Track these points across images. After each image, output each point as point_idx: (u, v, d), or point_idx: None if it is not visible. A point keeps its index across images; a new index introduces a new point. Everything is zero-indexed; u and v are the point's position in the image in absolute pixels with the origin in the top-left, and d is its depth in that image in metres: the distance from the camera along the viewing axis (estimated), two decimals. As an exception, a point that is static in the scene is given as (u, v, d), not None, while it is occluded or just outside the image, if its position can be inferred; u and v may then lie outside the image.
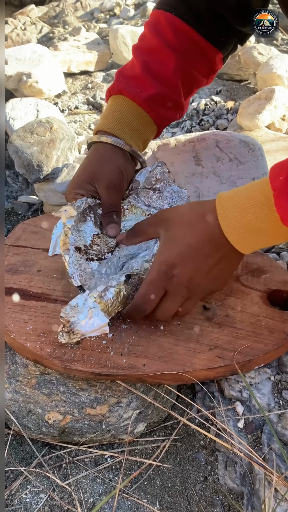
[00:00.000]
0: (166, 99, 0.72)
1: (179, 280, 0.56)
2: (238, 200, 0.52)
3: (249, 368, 0.61)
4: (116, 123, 0.69)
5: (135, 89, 0.69)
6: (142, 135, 0.72)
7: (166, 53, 0.70)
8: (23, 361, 0.62)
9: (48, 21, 2.12)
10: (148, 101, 0.70)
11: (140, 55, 0.72)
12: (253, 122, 1.16)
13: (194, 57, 0.73)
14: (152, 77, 0.70)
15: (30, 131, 1.00)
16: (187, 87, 0.75)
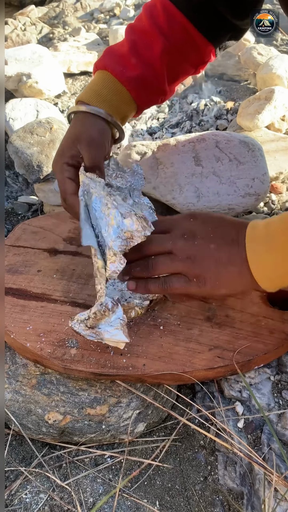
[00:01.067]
0: (149, 82, 0.72)
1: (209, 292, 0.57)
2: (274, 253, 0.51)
3: (249, 368, 0.61)
4: (96, 96, 0.69)
5: (120, 67, 0.70)
6: (120, 111, 0.72)
7: (156, 37, 0.71)
8: (23, 361, 0.62)
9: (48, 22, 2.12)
10: (130, 80, 0.70)
11: (130, 35, 0.73)
12: (252, 123, 1.16)
13: (184, 46, 0.73)
14: (137, 58, 0.71)
15: (30, 132, 1.00)
16: (173, 74, 0.75)
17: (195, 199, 0.88)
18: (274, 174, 1.07)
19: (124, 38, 0.74)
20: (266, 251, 0.52)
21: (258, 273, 0.52)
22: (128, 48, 0.71)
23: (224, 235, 0.55)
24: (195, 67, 0.78)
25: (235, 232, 0.55)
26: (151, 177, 0.90)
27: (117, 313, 0.54)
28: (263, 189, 0.91)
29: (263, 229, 0.53)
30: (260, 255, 0.52)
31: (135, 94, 0.72)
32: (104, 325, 0.54)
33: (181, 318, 0.64)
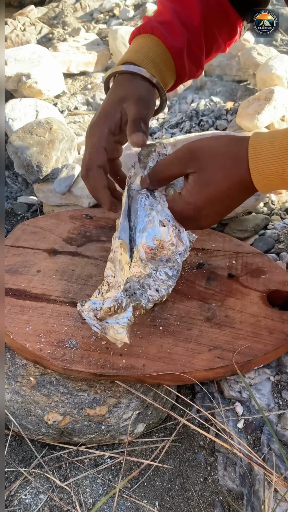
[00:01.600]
0: (191, 52, 0.70)
1: (200, 220, 0.58)
2: (273, 145, 0.50)
3: (248, 369, 0.61)
4: (145, 58, 0.65)
5: (167, 33, 0.67)
6: (165, 79, 0.69)
7: (194, 6, 0.69)
8: (23, 362, 0.62)
9: (48, 22, 2.12)
10: (176, 48, 0.67)
11: (169, 4, 0.70)
12: (252, 123, 1.16)
13: (218, 18, 0.71)
14: (181, 26, 0.68)
15: (29, 132, 1.00)
16: (208, 46, 0.73)
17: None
18: (273, 174, 1.07)
19: (160, 8, 0.71)
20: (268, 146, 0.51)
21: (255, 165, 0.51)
22: (170, 16, 0.68)
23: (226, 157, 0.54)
24: (225, 43, 0.76)
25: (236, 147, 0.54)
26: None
27: (128, 312, 0.54)
28: (263, 189, 0.90)
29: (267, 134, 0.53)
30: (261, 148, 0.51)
31: (178, 64, 0.69)
32: (112, 321, 0.55)
33: (181, 319, 0.64)
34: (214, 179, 0.54)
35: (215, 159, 0.54)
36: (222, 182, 0.54)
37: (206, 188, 0.54)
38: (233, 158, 0.53)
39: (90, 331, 0.61)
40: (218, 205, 0.56)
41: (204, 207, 0.56)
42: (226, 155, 0.54)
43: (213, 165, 0.54)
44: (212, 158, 0.54)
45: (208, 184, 0.54)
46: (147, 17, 0.71)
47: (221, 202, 0.56)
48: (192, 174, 0.55)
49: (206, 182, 0.54)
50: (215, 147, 0.55)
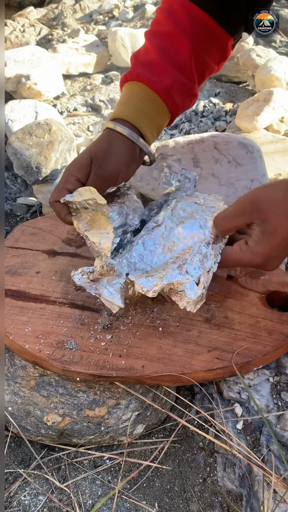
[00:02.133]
0: (183, 86, 0.71)
1: (268, 265, 0.59)
2: None
3: (247, 370, 0.61)
4: (134, 111, 0.67)
5: (153, 76, 0.68)
6: (157, 124, 0.71)
7: (181, 39, 0.69)
8: (22, 363, 0.62)
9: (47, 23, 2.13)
10: (166, 90, 0.68)
11: (154, 40, 0.71)
12: (251, 124, 1.16)
13: (207, 43, 0.72)
14: (169, 63, 0.69)
15: (29, 133, 1.00)
16: (200, 73, 0.74)
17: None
18: (273, 176, 1.08)
19: (147, 44, 0.72)
20: None
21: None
22: (156, 54, 0.69)
23: None
24: (217, 64, 0.77)
25: None
26: (149, 178, 0.90)
27: (121, 278, 0.57)
28: (262, 190, 0.91)
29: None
30: None
31: (170, 104, 0.70)
32: (105, 283, 0.57)
33: (180, 320, 0.64)
34: (280, 228, 0.55)
35: (277, 207, 0.55)
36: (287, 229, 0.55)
37: (273, 237, 0.56)
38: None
39: (89, 332, 0.61)
40: (285, 249, 0.57)
41: (273, 255, 0.57)
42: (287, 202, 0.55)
43: (277, 214, 0.55)
44: (274, 207, 0.56)
45: (274, 233, 0.56)
46: (134, 57, 0.72)
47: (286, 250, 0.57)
48: (257, 225, 0.57)
49: (272, 232, 0.56)
50: (274, 196, 0.56)
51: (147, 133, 0.68)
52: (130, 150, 0.67)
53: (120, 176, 0.67)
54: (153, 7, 2.03)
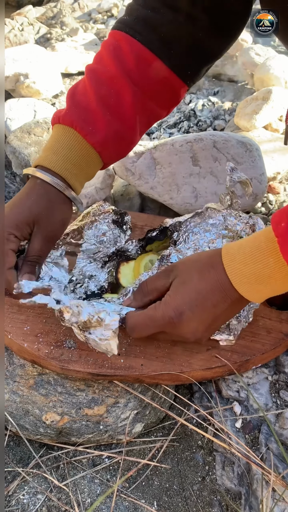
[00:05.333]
0: (121, 139, 0.66)
1: (182, 328, 0.54)
2: (244, 250, 0.51)
3: (246, 368, 0.61)
4: (63, 161, 0.62)
5: (89, 126, 0.63)
6: (87, 173, 0.67)
7: (125, 85, 0.64)
8: (21, 362, 0.62)
9: (46, 22, 2.12)
10: (100, 142, 0.64)
11: (95, 82, 0.64)
12: (250, 123, 1.16)
13: (156, 91, 0.67)
14: (107, 113, 0.64)
15: (27, 132, 1.00)
16: (144, 122, 0.70)
17: (193, 199, 0.88)
18: (271, 174, 1.08)
19: (86, 83, 0.65)
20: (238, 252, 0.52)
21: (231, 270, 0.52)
22: (95, 101, 0.63)
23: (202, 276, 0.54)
24: (167, 110, 0.72)
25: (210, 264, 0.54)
26: (148, 177, 0.90)
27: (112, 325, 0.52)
28: (261, 189, 0.91)
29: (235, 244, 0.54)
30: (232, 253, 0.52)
31: (104, 155, 0.66)
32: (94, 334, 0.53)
33: None
34: (190, 280, 0.54)
35: (192, 264, 0.56)
36: (198, 283, 0.53)
37: (183, 288, 0.54)
38: (208, 263, 0.54)
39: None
40: (200, 310, 0.53)
41: (183, 309, 0.53)
42: (202, 261, 0.55)
43: (190, 269, 0.55)
44: (189, 264, 0.56)
45: (184, 284, 0.54)
46: (71, 96, 0.66)
47: (202, 306, 0.53)
48: (173, 282, 0.56)
49: (182, 283, 0.54)
50: (192, 257, 0.57)
51: (76, 186, 0.65)
52: (68, 206, 0.65)
53: (63, 232, 0.66)
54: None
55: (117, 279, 0.65)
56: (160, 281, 0.57)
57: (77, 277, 0.67)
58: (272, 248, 0.48)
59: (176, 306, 0.53)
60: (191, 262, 0.57)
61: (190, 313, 0.53)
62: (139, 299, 0.59)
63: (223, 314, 0.55)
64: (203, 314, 0.53)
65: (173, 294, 0.54)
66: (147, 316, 0.55)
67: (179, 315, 0.53)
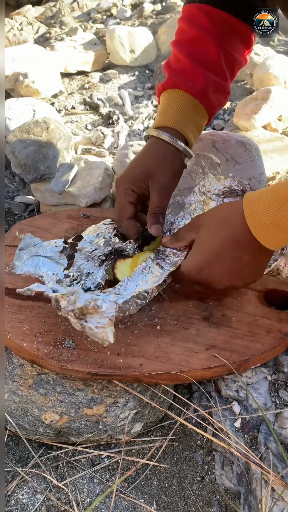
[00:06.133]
0: (217, 86, 0.73)
1: (206, 281, 0.60)
2: (265, 199, 0.53)
3: (246, 368, 0.61)
4: (176, 118, 0.70)
5: (189, 82, 0.71)
6: (198, 126, 0.74)
7: (207, 40, 0.72)
8: (20, 362, 0.62)
9: (45, 21, 2.12)
10: (202, 92, 0.71)
11: (182, 48, 0.74)
12: (249, 122, 1.16)
13: (231, 39, 0.74)
14: (200, 66, 0.72)
15: (26, 131, 1.00)
16: (231, 69, 0.77)
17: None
18: (271, 174, 1.08)
19: (175, 53, 0.75)
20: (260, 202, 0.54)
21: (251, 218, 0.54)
22: (187, 61, 0.72)
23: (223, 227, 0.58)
24: (244, 56, 0.79)
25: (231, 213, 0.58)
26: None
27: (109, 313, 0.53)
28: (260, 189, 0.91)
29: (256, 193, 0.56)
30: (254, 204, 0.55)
31: (208, 104, 0.73)
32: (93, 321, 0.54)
33: (178, 318, 0.64)
34: (206, 239, 0.59)
35: (209, 221, 0.60)
36: (212, 240, 0.58)
37: (199, 247, 0.60)
38: (224, 218, 0.58)
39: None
40: (218, 263, 0.58)
41: (202, 266, 0.59)
42: (219, 216, 0.59)
43: (207, 227, 0.60)
44: (207, 221, 0.60)
45: (201, 244, 0.60)
46: (167, 66, 0.75)
47: (219, 260, 0.58)
48: (195, 239, 0.61)
49: (199, 243, 0.60)
50: (211, 213, 0.62)
51: (190, 137, 0.72)
52: (179, 158, 0.70)
53: (175, 186, 0.71)
54: (151, 5, 2.02)
55: (114, 274, 0.66)
56: (187, 234, 0.63)
57: (74, 273, 0.68)
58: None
59: (194, 264, 0.59)
60: (209, 217, 0.61)
61: (208, 268, 0.59)
62: (172, 241, 0.65)
63: (245, 263, 0.58)
64: (221, 266, 0.58)
65: (192, 253, 0.60)
66: (181, 272, 0.62)
67: (199, 272, 0.59)
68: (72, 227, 0.80)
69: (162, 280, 0.61)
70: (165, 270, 0.63)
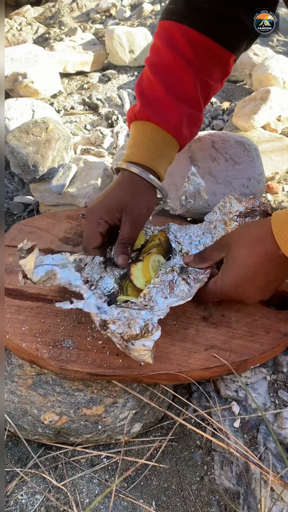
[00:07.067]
0: (191, 118, 0.72)
1: (240, 297, 0.63)
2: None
3: (245, 368, 0.61)
4: (147, 153, 0.70)
5: (162, 115, 0.70)
6: (169, 159, 0.74)
7: (184, 69, 0.70)
8: (19, 362, 0.62)
9: (44, 22, 2.12)
10: (175, 127, 0.70)
11: (157, 74, 0.71)
12: (248, 123, 1.16)
13: (210, 66, 0.73)
14: (176, 99, 0.70)
15: (25, 131, 1.00)
16: (205, 97, 0.75)
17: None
18: (270, 174, 1.08)
19: (150, 77, 0.72)
20: None
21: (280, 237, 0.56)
22: (162, 90, 0.70)
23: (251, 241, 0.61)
24: (221, 82, 0.78)
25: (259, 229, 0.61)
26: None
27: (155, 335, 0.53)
28: (259, 189, 0.91)
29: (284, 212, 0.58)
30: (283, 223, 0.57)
31: (181, 138, 0.72)
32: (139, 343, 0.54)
33: (177, 318, 0.64)
34: (240, 257, 0.61)
35: (240, 240, 0.62)
36: (247, 259, 0.60)
37: (235, 265, 0.61)
38: (256, 237, 0.60)
39: (86, 331, 0.61)
40: (253, 280, 0.60)
41: (239, 283, 0.61)
42: (250, 235, 0.61)
43: (239, 246, 0.61)
44: (238, 240, 0.62)
45: (235, 262, 0.61)
46: (140, 93, 0.72)
47: (254, 277, 0.60)
48: (225, 257, 0.63)
49: (233, 261, 0.61)
50: (240, 232, 0.64)
51: (161, 172, 0.71)
52: (152, 192, 0.71)
53: (147, 219, 0.71)
54: (150, 5, 2.03)
55: (131, 281, 0.66)
56: (214, 254, 0.65)
57: (89, 278, 0.67)
58: None
59: (230, 282, 0.61)
60: (240, 236, 0.63)
61: (244, 285, 0.61)
62: (197, 262, 0.66)
63: (276, 277, 0.61)
64: (256, 283, 0.61)
65: (227, 271, 0.62)
66: (210, 291, 0.64)
67: (235, 289, 0.62)
68: (71, 227, 0.80)
69: (191, 297, 0.62)
70: (192, 287, 0.63)
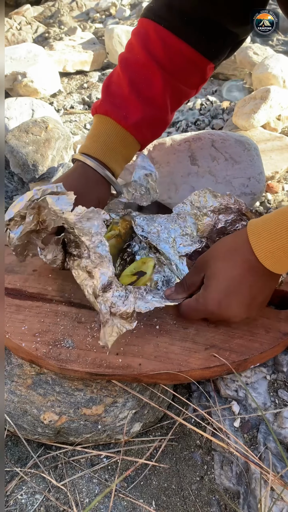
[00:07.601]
0: (153, 120, 0.71)
1: (224, 314, 0.59)
2: (268, 226, 0.54)
3: (245, 368, 0.61)
4: (102, 147, 0.69)
5: (122, 112, 0.68)
6: (126, 156, 0.73)
7: (154, 71, 0.68)
8: (18, 361, 0.62)
9: (44, 21, 2.12)
10: (135, 125, 0.69)
11: (127, 70, 0.70)
12: (248, 122, 1.16)
13: (184, 72, 0.71)
14: (139, 99, 0.69)
15: (25, 131, 1.00)
16: (175, 102, 0.74)
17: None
18: (269, 174, 1.08)
19: (119, 72, 0.71)
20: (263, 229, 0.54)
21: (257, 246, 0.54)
22: (127, 88, 0.69)
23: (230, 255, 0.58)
24: (196, 88, 0.77)
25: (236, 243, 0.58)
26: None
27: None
28: (259, 188, 0.91)
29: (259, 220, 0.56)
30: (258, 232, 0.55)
31: (139, 137, 0.71)
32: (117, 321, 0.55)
33: (177, 317, 0.64)
34: (219, 271, 0.58)
35: (217, 255, 0.59)
36: (227, 271, 0.57)
37: (214, 280, 0.58)
38: (233, 248, 0.58)
39: (86, 331, 0.61)
40: (235, 295, 0.57)
41: (221, 298, 0.57)
42: (226, 248, 0.59)
43: (217, 260, 0.59)
44: (215, 255, 0.60)
45: (215, 277, 0.58)
46: (106, 87, 0.71)
47: (237, 291, 0.57)
48: (205, 275, 0.60)
49: (213, 276, 0.58)
50: (217, 246, 0.61)
51: (115, 168, 0.70)
52: (104, 186, 0.70)
53: None
54: (150, 5, 2.02)
55: None
56: (194, 277, 0.62)
57: None
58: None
59: (212, 298, 0.58)
60: (217, 251, 0.60)
61: (227, 300, 0.57)
62: (180, 292, 0.63)
63: (260, 290, 0.58)
64: (239, 297, 0.57)
65: (208, 286, 0.59)
66: (191, 308, 0.60)
67: (218, 305, 0.58)
68: (71, 226, 0.80)
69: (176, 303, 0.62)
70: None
